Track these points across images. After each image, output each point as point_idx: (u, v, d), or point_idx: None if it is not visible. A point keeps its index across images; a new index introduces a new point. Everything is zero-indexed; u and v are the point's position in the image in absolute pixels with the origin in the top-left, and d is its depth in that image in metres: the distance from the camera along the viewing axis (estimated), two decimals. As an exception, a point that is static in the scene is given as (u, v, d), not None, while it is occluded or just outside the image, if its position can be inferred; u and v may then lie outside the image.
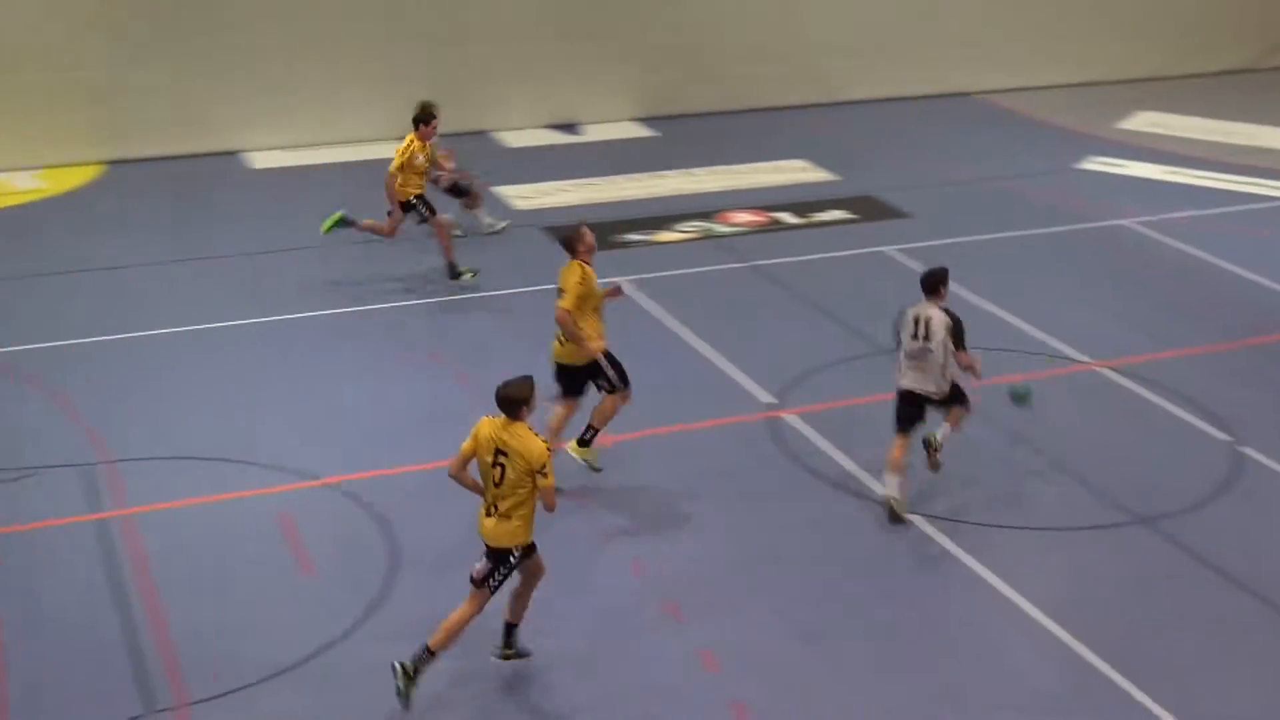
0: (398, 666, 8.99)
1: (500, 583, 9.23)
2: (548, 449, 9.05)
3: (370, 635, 9.86)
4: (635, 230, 17.79)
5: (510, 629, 9.47)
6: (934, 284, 11.40)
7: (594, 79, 22.79)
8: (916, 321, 11.30)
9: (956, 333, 11.22)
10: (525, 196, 19.23)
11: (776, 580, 10.65)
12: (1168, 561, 11.01)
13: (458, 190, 17.46)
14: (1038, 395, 12.01)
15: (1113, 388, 13.87)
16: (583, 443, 11.83)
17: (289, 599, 10.41)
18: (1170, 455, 12.64)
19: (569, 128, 22.55)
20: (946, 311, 11.30)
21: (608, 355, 11.61)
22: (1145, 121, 23.09)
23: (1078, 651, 9.82)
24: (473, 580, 9.20)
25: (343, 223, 16.05)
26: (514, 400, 9.05)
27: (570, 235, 11.78)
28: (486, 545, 9.18)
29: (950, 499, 11.77)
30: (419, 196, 15.87)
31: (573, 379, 11.84)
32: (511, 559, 9.16)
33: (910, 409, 11.44)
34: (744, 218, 18.46)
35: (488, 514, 9.15)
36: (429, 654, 9.09)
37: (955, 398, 11.46)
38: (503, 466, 9.00)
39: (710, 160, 20.84)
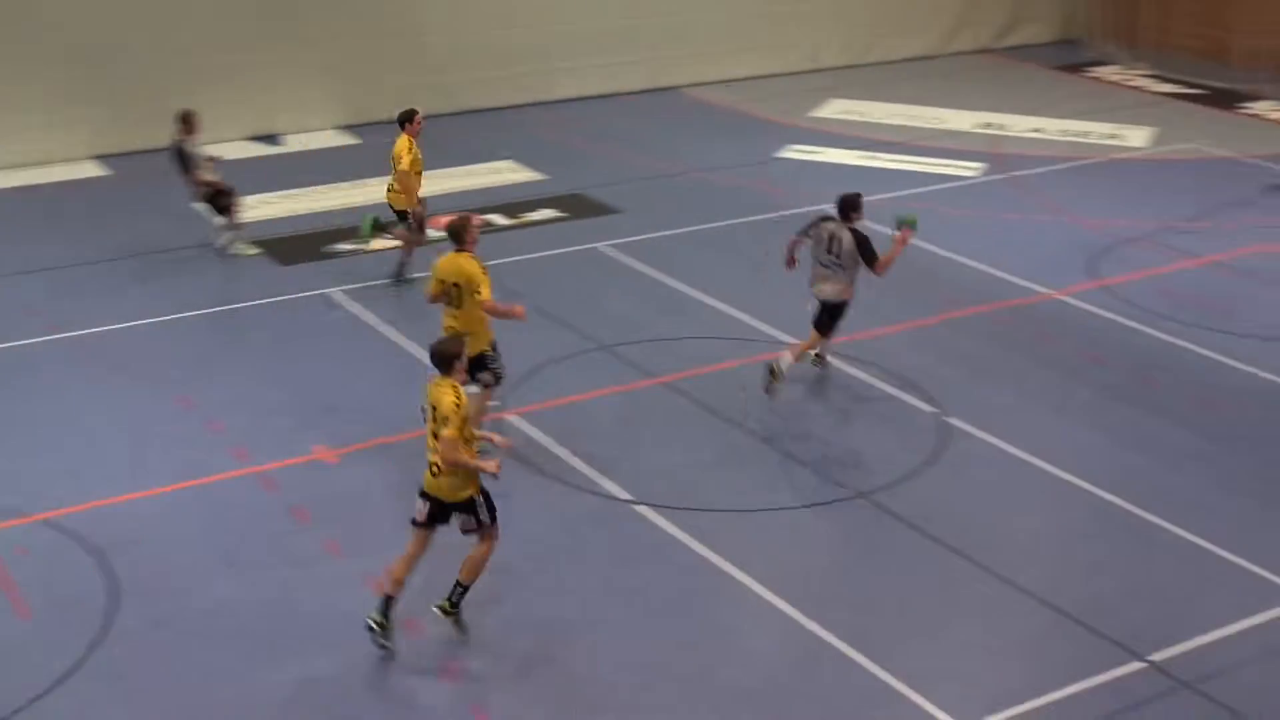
0: (370, 622, 9.54)
1: (480, 524, 9.62)
2: (456, 404, 9.30)
3: (92, 674, 9.48)
4: (344, 239, 17.46)
5: (461, 588, 9.77)
6: (847, 208, 13.14)
7: (294, 89, 22.35)
8: (831, 239, 13.07)
9: (865, 249, 12.92)
10: (229, 211, 18.74)
11: (512, 579, 10.63)
12: (885, 532, 11.41)
13: (215, 200, 16.84)
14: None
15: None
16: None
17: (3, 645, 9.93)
18: (881, 429, 13.10)
19: (270, 139, 22.07)
20: (854, 231, 12.98)
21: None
22: (838, 109, 23.86)
23: (808, 627, 10.09)
24: (414, 522, 9.66)
25: (377, 225, 16.28)
26: (444, 355, 9.52)
27: (459, 225, 11.79)
28: (439, 501, 9.56)
29: (671, 484, 11.96)
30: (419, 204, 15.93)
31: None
32: (475, 504, 9.57)
33: (824, 316, 13.32)
34: (455, 221, 18.36)
35: (432, 474, 9.52)
36: (389, 601, 9.60)
37: (834, 318, 13.24)
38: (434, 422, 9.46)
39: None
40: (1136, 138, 22.40)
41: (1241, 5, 25.86)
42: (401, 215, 15.90)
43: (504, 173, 20.45)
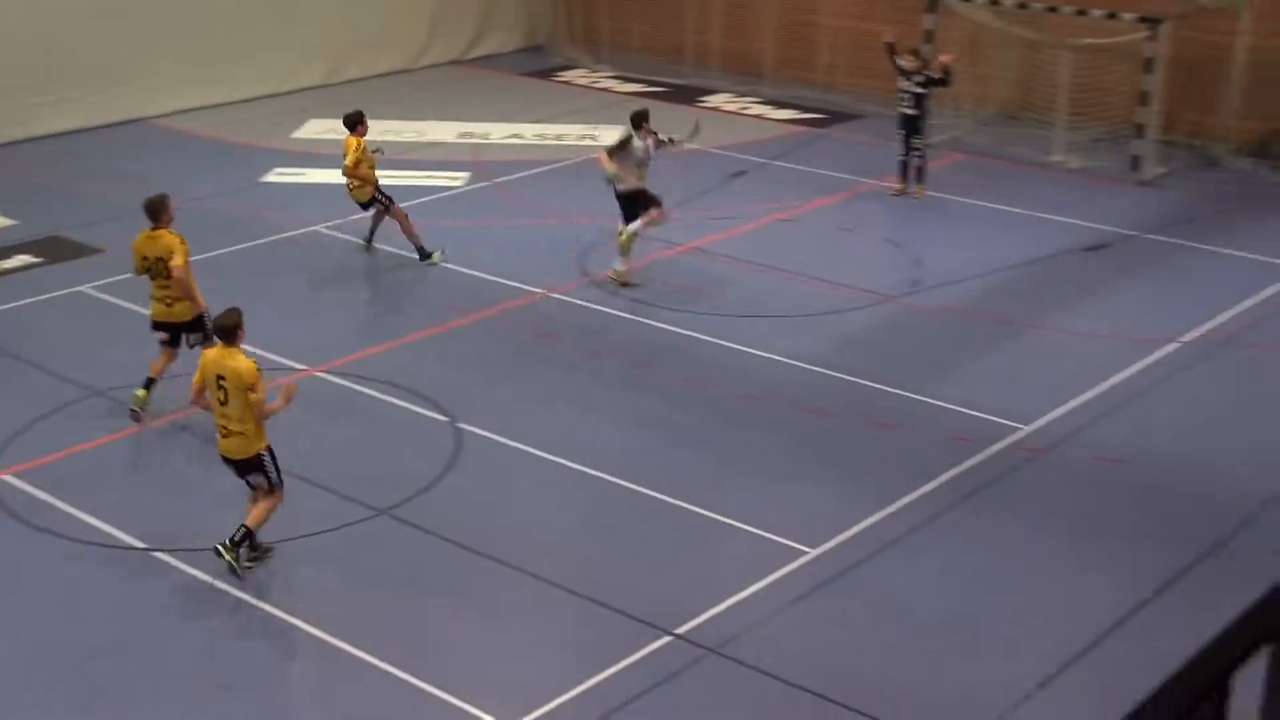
0: (219, 548, 10.66)
1: (269, 481, 10.87)
2: (256, 368, 10.54)
3: None
4: None
5: (245, 530, 10.79)
6: (638, 120, 16.61)
7: None
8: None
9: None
10: None
11: (34, 647, 10.07)
12: (411, 546, 11.50)
13: None
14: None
15: (333, 389, 14.23)
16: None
17: None
18: (397, 444, 13.19)
19: None
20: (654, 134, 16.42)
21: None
22: (317, 129, 23.68)
23: (349, 650, 10.05)
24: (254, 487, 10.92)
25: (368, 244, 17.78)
26: (227, 328, 10.64)
27: (157, 202, 13.18)
28: (231, 461, 10.80)
29: (189, 527, 11.63)
30: (377, 189, 17.25)
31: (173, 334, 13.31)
32: (263, 460, 10.75)
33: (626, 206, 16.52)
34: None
35: (223, 435, 10.73)
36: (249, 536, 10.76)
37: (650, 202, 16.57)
38: (225, 389, 10.52)
39: None
40: (609, 137, 23.33)
41: (690, 7, 27.43)
42: (367, 204, 17.44)
43: (-32, 221, 19.20)
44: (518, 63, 28.45)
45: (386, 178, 17.65)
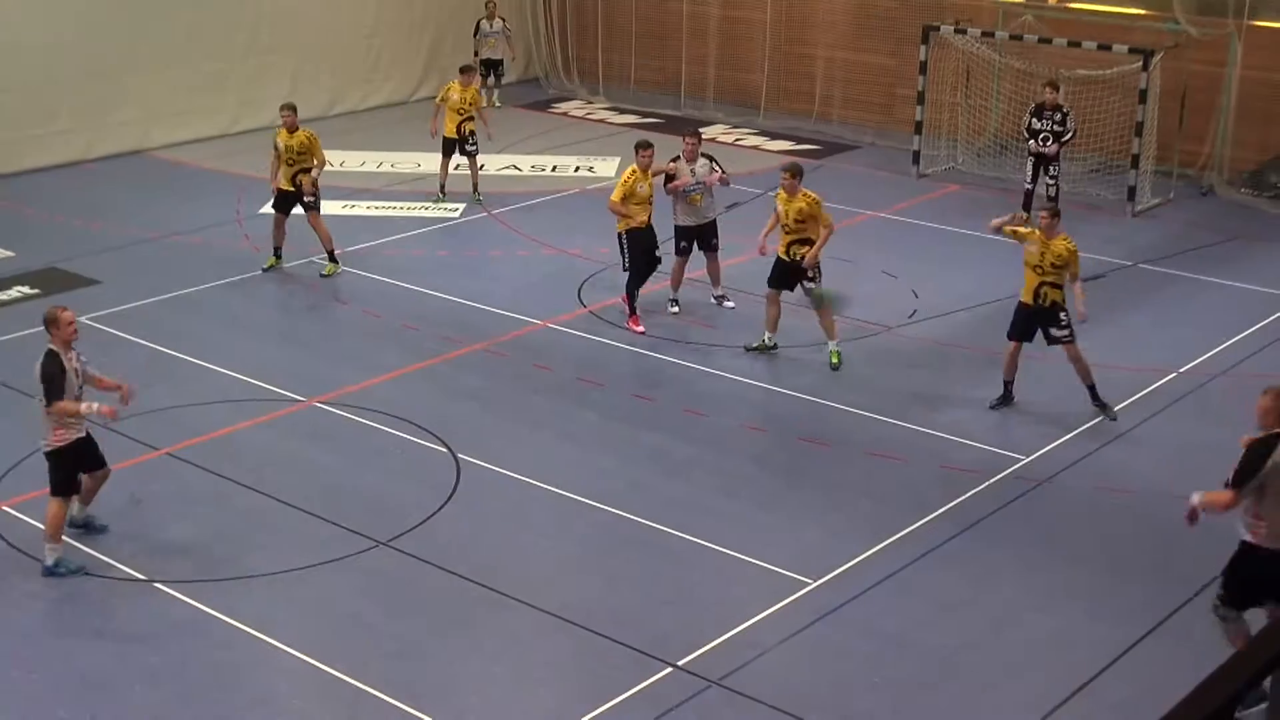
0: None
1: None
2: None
3: None
4: None
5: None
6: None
7: None
8: None
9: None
10: None
11: (24, 681, 10.03)
12: (411, 577, 11.48)
13: None
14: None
15: (331, 420, 14.23)
16: None
17: None
18: (397, 475, 13.16)
19: None
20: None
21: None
22: (315, 160, 23.68)
23: (351, 682, 10.03)
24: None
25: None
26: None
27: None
28: None
29: (190, 558, 11.62)
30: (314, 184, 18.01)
31: None
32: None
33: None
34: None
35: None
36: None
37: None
38: None
39: None
40: (605, 168, 23.43)
41: (685, 39, 27.53)
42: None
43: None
44: (514, 94, 28.51)
45: (384, 210, 17.68)
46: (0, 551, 11.75)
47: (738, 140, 25.49)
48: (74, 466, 11.38)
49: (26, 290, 17.82)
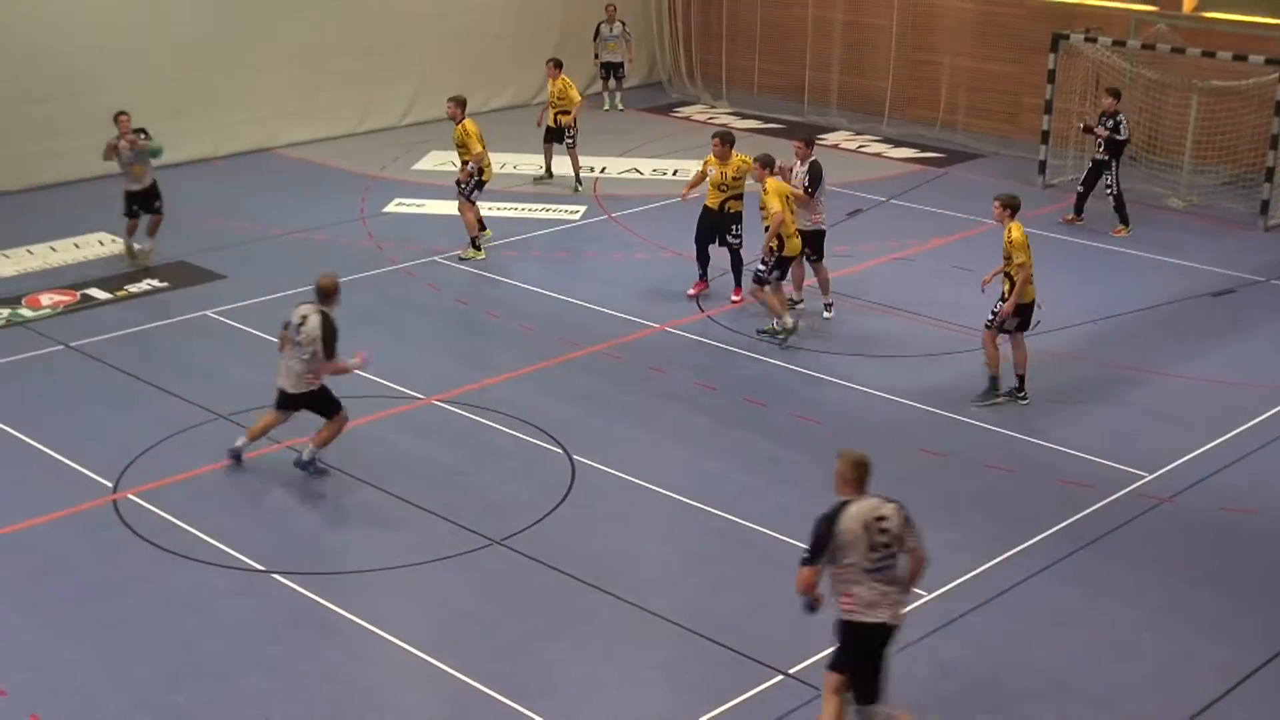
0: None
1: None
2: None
3: None
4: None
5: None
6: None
7: None
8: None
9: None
10: None
11: (142, 667, 10.25)
12: (524, 576, 11.55)
13: None
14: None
15: (450, 418, 14.36)
16: None
17: None
18: (512, 475, 13.25)
19: None
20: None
21: None
22: (438, 160, 23.95)
23: (460, 678, 10.12)
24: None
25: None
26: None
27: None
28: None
29: (307, 550, 11.80)
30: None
31: None
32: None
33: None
34: (52, 299, 17.57)
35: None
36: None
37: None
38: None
39: (5, 243, 19.65)
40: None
41: (810, 44, 27.40)
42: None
43: (98, 246, 19.65)
44: (636, 99, 28.57)
45: (507, 211, 17.76)
46: (125, 539, 12.02)
47: (860, 147, 25.33)
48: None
49: (156, 283, 18.22)
